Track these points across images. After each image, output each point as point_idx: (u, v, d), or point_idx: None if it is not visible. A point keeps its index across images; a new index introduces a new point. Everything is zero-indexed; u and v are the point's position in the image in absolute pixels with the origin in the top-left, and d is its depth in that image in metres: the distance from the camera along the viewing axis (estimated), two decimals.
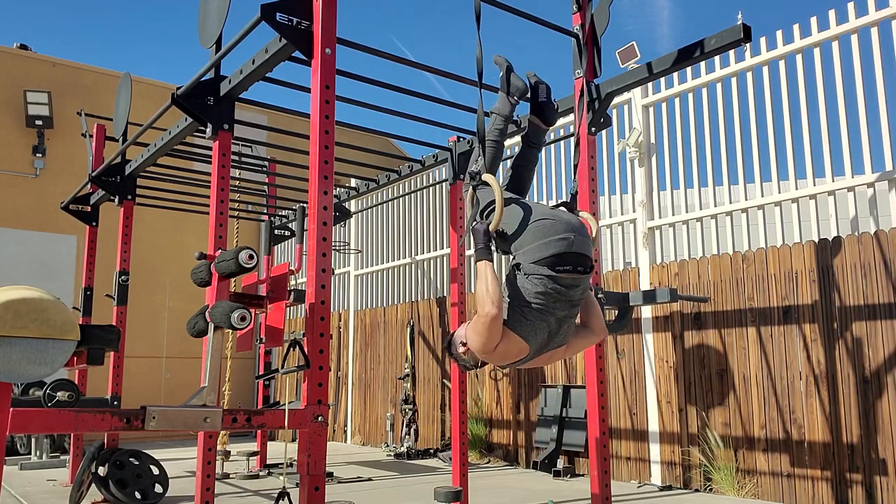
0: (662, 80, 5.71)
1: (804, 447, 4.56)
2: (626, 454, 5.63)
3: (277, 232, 7.11)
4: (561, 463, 5.81)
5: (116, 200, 5.43)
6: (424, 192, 8.23)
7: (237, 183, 6.50)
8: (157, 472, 4.78)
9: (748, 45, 5.09)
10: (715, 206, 5.40)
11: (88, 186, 5.96)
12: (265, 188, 7.05)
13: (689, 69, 5.53)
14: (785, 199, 4.95)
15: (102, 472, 4.53)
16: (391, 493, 5.17)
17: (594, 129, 3.88)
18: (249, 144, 5.94)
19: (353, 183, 6.54)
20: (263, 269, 3.23)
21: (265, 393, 7.53)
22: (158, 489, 4.74)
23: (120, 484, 4.55)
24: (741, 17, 3.41)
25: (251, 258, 2.63)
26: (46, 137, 9.16)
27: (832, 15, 4.76)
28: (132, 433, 3.57)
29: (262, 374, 5.99)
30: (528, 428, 6.48)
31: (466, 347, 2.63)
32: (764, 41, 5.14)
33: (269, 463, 6.60)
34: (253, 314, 2.77)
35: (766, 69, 5.15)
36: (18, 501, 4.94)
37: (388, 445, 7.82)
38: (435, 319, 7.72)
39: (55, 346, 2.04)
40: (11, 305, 1.97)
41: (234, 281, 3.01)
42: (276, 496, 2.72)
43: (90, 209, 6.11)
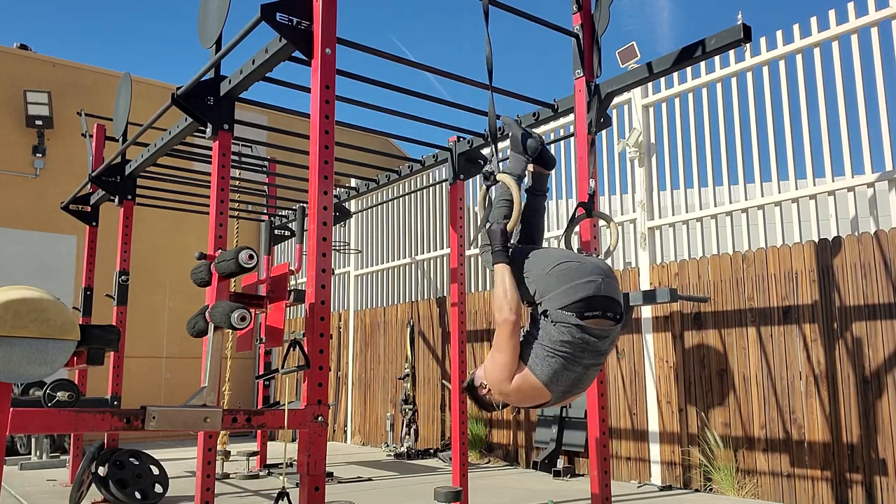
0: (662, 80, 5.71)
1: (804, 447, 4.56)
2: (626, 454, 5.62)
3: (277, 232, 7.11)
4: (561, 463, 5.81)
5: (116, 200, 5.43)
6: (424, 192, 8.23)
7: (237, 183, 6.50)
8: (157, 472, 4.78)
9: (748, 45, 5.09)
10: (715, 206, 5.40)
11: (88, 186, 5.96)
12: (265, 188, 7.05)
13: (689, 69, 5.53)
14: (785, 199, 4.95)
15: (102, 472, 4.53)
16: (391, 493, 5.17)
17: (594, 129, 3.87)
18: (249, 144, 5.94)
19: (353, 183, 6.54)
20: (263, 269, 3.23)
21: (265, 393, 7.53)
22: (158, 489, 4.74)
23: (120, 484, 4.55)
24: (741, 17, 3.41)
25: (251, 258, 2.62)
26: (46, 137, 9.16)
27: (832, 15, 4.76)
28: (132, 433, 3.57)
29: (262, 374, 5.98)
30: (528, 428, 6.48)
31: (486, 389, 2.53)
32: (764, 41, 5.14)
33: (269, 463, 6.60)
34: (253, 314, 2.77)
35: (766, 69, 5.15)
36: (18, 501, 4.94)
37: (388, 445, 7.82)
38: (435, 319, 7.72)
39: (55, 346, 2.04)
40: (11, 305, 1.97)
41: (234, 281, 3.01)
42: (275, 496, 2.72)
43: (90, 209, 6.11)
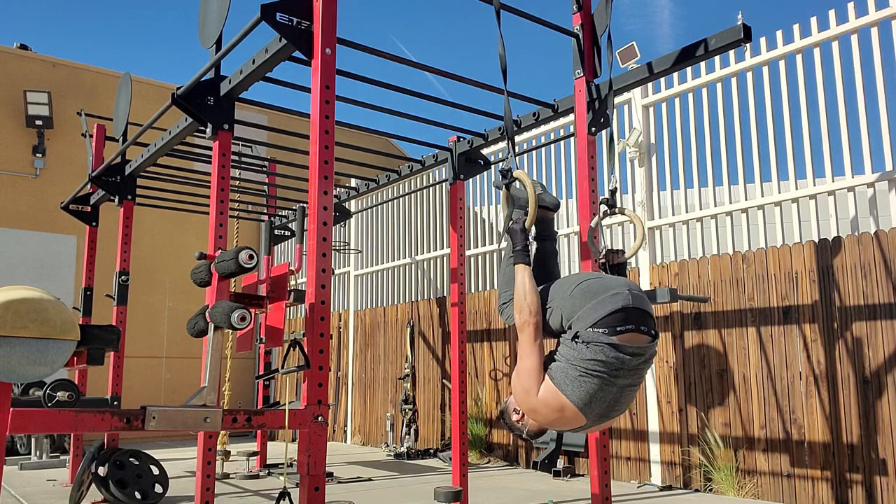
0: (662, 80, 5.71)
1: (804, 447, 4.56)
2: (626, 454, 5.63)
3: (277, 232, 7.11)
4: (561, 463, 5.81)
5: (116, 200, 5.43)
6: (424, 192, 8.23)
7: (237, 183, 6.50)
8: (157, 472, 4.78)
9: (748, 45, 5.09)
10: (715, 206, 5.40)
11: (88, 186, 5.96)
12: (265, 188, 7.05)
13: (689, 69, 5.53)
14: (785, 199, 4.95)
15: (102, 472, 4.53)
16: (391, 493, 5.17)
17: (594, 129, 3.87)
18: (249, 144, 5.93)
19: (353, 183, 6.54)
20: (263, 269, 3.22)
21: (265, 393, 7.53)
22: (158, 489, 4.74)
23: (120, 484, 4.55)
24: (741, 17, 3.41)
25: (251, 258, 2.62)
26: (46, 137, 9.16)
27: (832, 15, 4.76)
28: (132, 433, 3.56)
29: (262, 374, 5.98)
30: None
31: (521, 414, 2.44)
32: (764, 41, 5.14)
33: (269, 463, 6.60)
34: (253, 314, 2.77)
35: (766, 69, 5.15)
36: (18, 501, 4.94)
37: (388, 445, 7.82)
38: (435, 319, 7.72)
39: (55, 346, 2.04)
40: (11, 305, 1.97)
41: (234, 281, 3.01)
42: (276, 496, 2.72)
43: (90, 209, 6.11)
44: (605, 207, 3.25)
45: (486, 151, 5.95)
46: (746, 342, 4.93)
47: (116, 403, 5.22)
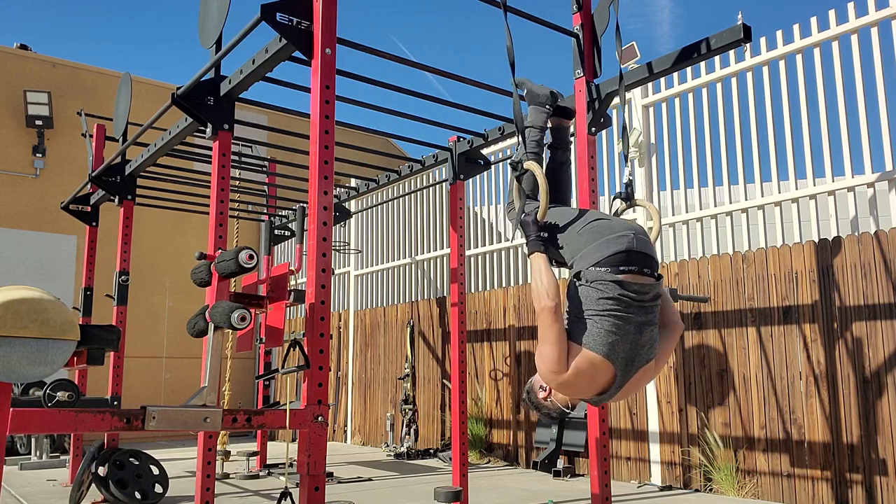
0: (662, 80, 5.71)
1: (804, 447, 4.56)
2: (626, 454, 5.63)
3: (277, 232, 7.11)
4: (561, 463, 5.81)
5: (116, 200, 5.43)
6: (424, 192, 8.23)
7: (237, 183, 6.50)
8: (157, 472, 4.78)
9: (748, 45, 5.09)
10: (715, 206, 5.40)
11: (88, 186, 5.96)
12: (265, 188, 7.05)
13: (689, 69, 5.53)
14: (785, 199, 4.95)
15: (102, 472, 4.53)
16: (391, 493, 5.17)
17: (594, 129, 3.88)
18: (249, 144, 5.93)
19: (353, 183, 6.54)
20: (263, 269, 3.22)
21: (265, 393, 7.53)
22: (158, 489, 4.74)
23: (120, 484, 4.55)
24: (741, 17, 3.41)
25: (251, 258, 2.62)
26: (46, 137, 9.16)
27: (832, 15, 4.76)
28: (132, 433, 3.57)
29: (262, 374, 5.98)
30: (528, 428, 6.48)
31: (548, 391, 2.41)
32: (764, 41, 5.14)
33: (269, 463, 6.60)
34: (253, 314, 2.77)
35: (766, 69, 5.15)
36: (18, 501, 4.94)
37: (388, 445, 7.82)
38: (435, 319, 7.72)
39: (55, 346, 2.04)
40: (11, 305, 1.97)
41: (234, 281, 3.01)
42: (278, 496, 2.72)
43: (90, 209, 6.11)
44: (619, 201, 3.23)
45: (486, 151, 5.95)
46: (746, 342, 4.93)
47: (116, 403, 5.22)
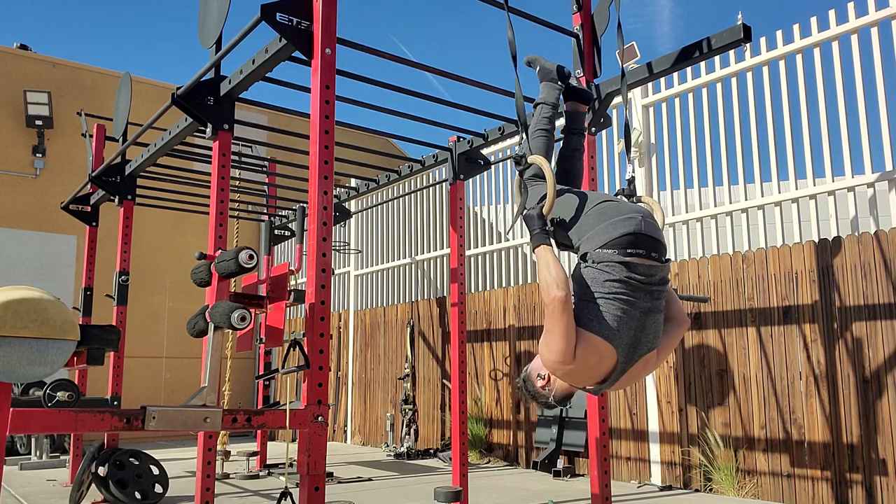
0: (662, 80, 5.71)
1: (804, 447, 4.56)
2: (626, 454, 5.63)
3: (277, 232, 7.11)
4: (561, 463, 5.81)
5: (116, 200, 5.43)
6: (424, 192, 8.23)
7: (237, 183, 6.50)
8: (157, 472, 4.78)
9: (748, 45, 5.09)
10: (715, 206, 5.40)
11: (88, 186, 5.96)
12: (265, 188, 7.05)
13: (689, 69, 5.53)
14: (785, 199, 4.95)
15: (102, 472, 4.53)
16: (391, 493, 5.17)
17: (594, 129, 3.88)
18: (249, 144, 5.93)
19: (353, 183, 6.54)
20: (263, 269, 3.22)
21: (265, 393, 7.53)
22: (158, 489, 4.74)
23: (120, 484, 4.55)
24: (741, 17, 3.41)
25: (251, 258, 2.62)
26: (46, 137, 9.17)
27: (832, 15, 4.76)
28: (132, 433, 3.56)
29: (262, 374, 5.98)
30: (528, 428, 6.48)
31: (546, 379, 2.35)
32: (764, 41, 5.14)
33: (269, 463, 6.60)
34: (253, 314, 2.77)
35: (766, 69, 5.15)
36: (18, 501, 4.94)
37: (388, 445, 7.82)
38: (435, 319, 7.72)
39: (55, 346, 2.04)
40: (11, 305, 1.97)
41: (234, 281, 3.01)
42: (277, 496, 2.72)
43: (90, 209, 6.11)
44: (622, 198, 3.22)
45: (486, 151, 5.95)
46: (746, 342, 4.93)
47: (116, 403, 5.22)
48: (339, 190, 6.49)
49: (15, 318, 1.96)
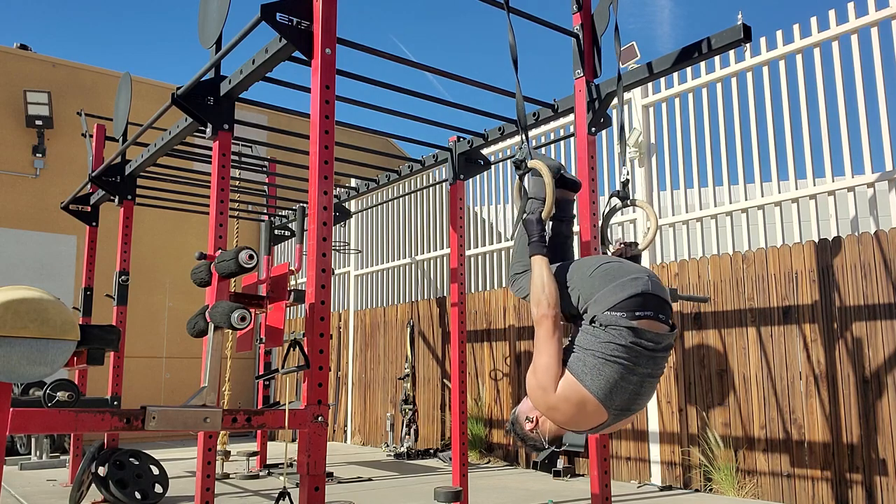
0: (662, 80, 5.71)
1: (804, 447, 4.56)
2: (626, 454, 5.63)
3: (277, 232, 7.11)
4: (561, 463, 5.81)
5: (116, 200, 5.43)
6: (424, 192, 8.23)
7: (237, 183, 6.50)
8: (157, 472, 4.78)
9: (748, 45, 5.09)
10: (715, 206, 5.40)
11: (88, 186, 5.96)
12: (265, 188, 7.05)
13: (689, 69, 5.53)
14: (785, 199, 4.95)
15: (102, 472, 4.53)
16: (391, 493, 5.17)
17: (594, 129, 3.88)
18: (249, 144, 5.93)
19: (353, 183, 6.54)
20: (263, 269, 3.22)
21: (265, 393, 7.53)
22: (158, 489, 4.74)
23: (120, 484, 4.55)
24: (741, 17, 3.41)
25: (251, 258, 2.62)
26: (46, 137, 9.16)
27: (832, 15, 4.76)
28: (132, 433, 3.56)
29: (262, 374, 5.98)
30: None
31: (534, 422, 2.32)
32: (764, 41, 5.14)
33: (269, 463, 6.60)
34: (253, 314, 2.77)
35: (766, 69, 5.15)
36: (18, 501, 4.94)
37: (388, 445, 7.82)
38: (435, 319, 7.72)
39: (55, 346, 2.04)
40: (11, 305, 1.97)
41: (234, 281, 3.01)
42: (276, 496, 2.72)
43: (90, 209, 6.11)
44: (616, 200, 3.23)
45: (486, 151, 5.95)
46: (746, 342, 4.93)
47: (116, 403, 5.22)
48: (339, 190, 6.49)
49: (15, 318, 1.96)
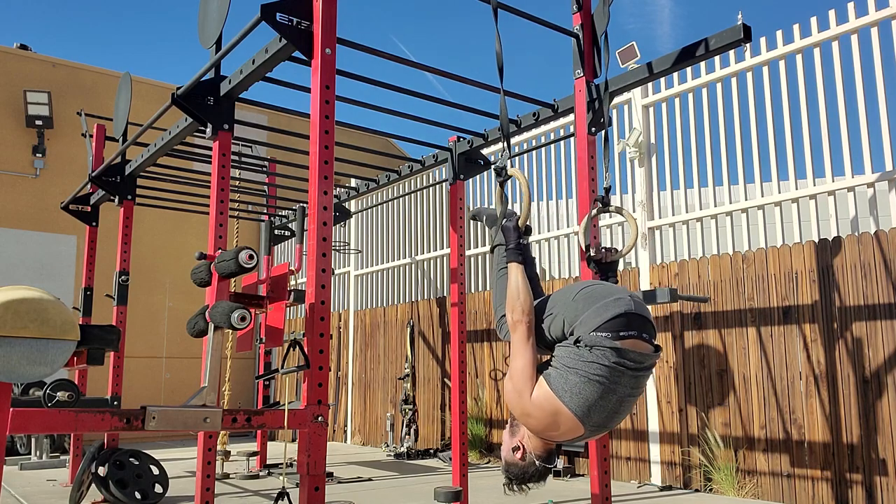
0: (662, 80, 5.71)
1: (804, 447, 4.56)
2: (626, 454, 5.63)
3: (277, 232, 7.11)
4: (561, 463, 5.81)
5: (116, 200, 5.43)
6: (424, 192, 8.23)
7: (237, 183, 6.50)
8: (157, 472, 4.78)
9: (748, 45, 5.09)
10: (715, 206, 5.39)
11: (88, 186, 5.96)
12: (265, 188, 7.06)
13: (689, 69, 5.53)
14: (785, 199, 4.95)
15: (102, 472, 4.53)
16: (391, 493, 5.17)
17: (594, 129, 3.87)
18: (249, 144, 5.93)
19: (353, 183, 6.54)
20: (263, 269, 3.22)
21: (265, 393, 7.53)
22: (158, 489, 4.74)
23: (120, 484, 4.55)
24: (741, 17, 3.41)
25: (251, 258, 2.62)
26: (46, 137, 9.16)
27: (832, 15, 4.76)
28: (132, 433, 3.56)
29: (262, 374, 5.98)
30: None
31: (521, 448, 2.34)
32: (764, 41, 5.14)
33: (269, 463, 6.60)
34: (253, 314, 2.77)
35: (766, 69, 5.15)
36: (18, 501, 4.94)
37: (388, 445, 7.82)
38: (435, 319, 7.72)
39: (55, 346, 2.04)
40: (11, 305, 1.97)
41: (234, 281, 3.01)
42: (275, 496, 2.72)
43: (90, 209, 6.11)
44: (598, 205, 3.27)
45: (486, 151, 5.95)
46: (746, 342, 4.93)
47: (116, 403, 5.22)
48: (339, 190, 6.49)
49: (15, 318, 1.96)
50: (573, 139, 5.85)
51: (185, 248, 9.96)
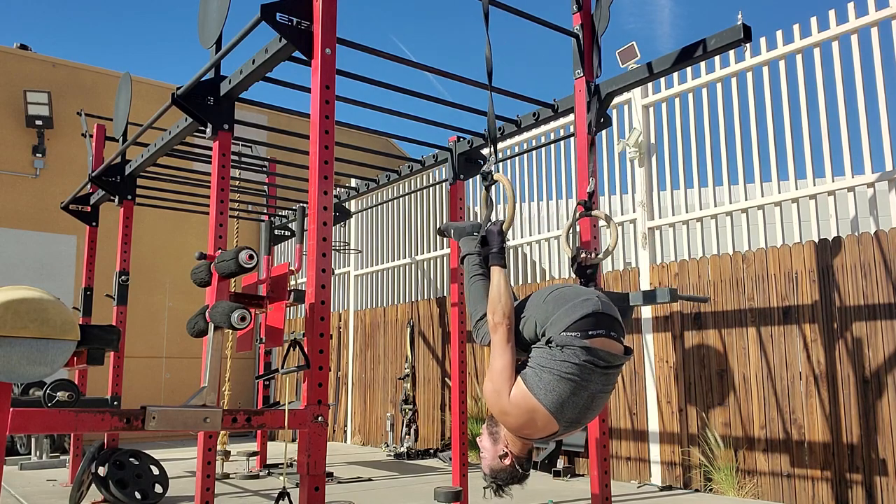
0: (662, 80, 5.71)
1: (804, 447, 4.56)
2: (626, 454, 5.62)
3: (277, 232, 7.11)
4: (561, 463, 5.81)
5: (116, 200, 5.43)
6: (424, 192, 8.23)
7: (237, 183, 6.50)
8: (157, 472, 4.78)
9: (748, 45, 5.09)
10: (715, 206, 5.40)
11: (88, 186, 5.96)
12: (265, 188, 7.06)
13: (689, 69, 5.53)
14: (785, 199, 4.95)
15: (102, 472, 4.53)
16: (391, 493, 5.17)
17: (594, 129, 3.87)
18: (249, 144, 5.93)
19: (353, 183, 6.54)
20: (263, 269, 3.23)
21: (265, 393, 7.53)
22: (158, 489, 4.74)
23: (120, 484, 4.55)
24: (741, 17, 3.41)
25: (251, 258, 2.62)
26: (46, 137, 9.16)
27: (832, 15, 4.76)
28: (132, 433, 3.57)
29: (262, 374, 5.98)
30: None
31: (506, 454, 2.43)
32: (764, 41, 5.14)
33: (269, 463, 6.60)
34: (253, 314, 2.77)
35: (766, 69, 5.15)
36: (18, 501, 4.94)
37: (388, 445, 7.82)
38: (435, 319, 7.72)
39: (55, 346, 2.04)
40: (11, 305, 1.97)
41: (234, 281, 3.01)
42: (276, 496, 2.72)
43: (90, 209, 6.11)
44: (581, 209, 3.31)
45: (485, 151, 5.95)
46: (746, 342, 4.93)
47: (116, 403, 5.22)
48: (339, 190, 6.49)
49: (15, 318, 1.96)
50: (573, 139, 5.85)
51: (185, 248, 9.95)
